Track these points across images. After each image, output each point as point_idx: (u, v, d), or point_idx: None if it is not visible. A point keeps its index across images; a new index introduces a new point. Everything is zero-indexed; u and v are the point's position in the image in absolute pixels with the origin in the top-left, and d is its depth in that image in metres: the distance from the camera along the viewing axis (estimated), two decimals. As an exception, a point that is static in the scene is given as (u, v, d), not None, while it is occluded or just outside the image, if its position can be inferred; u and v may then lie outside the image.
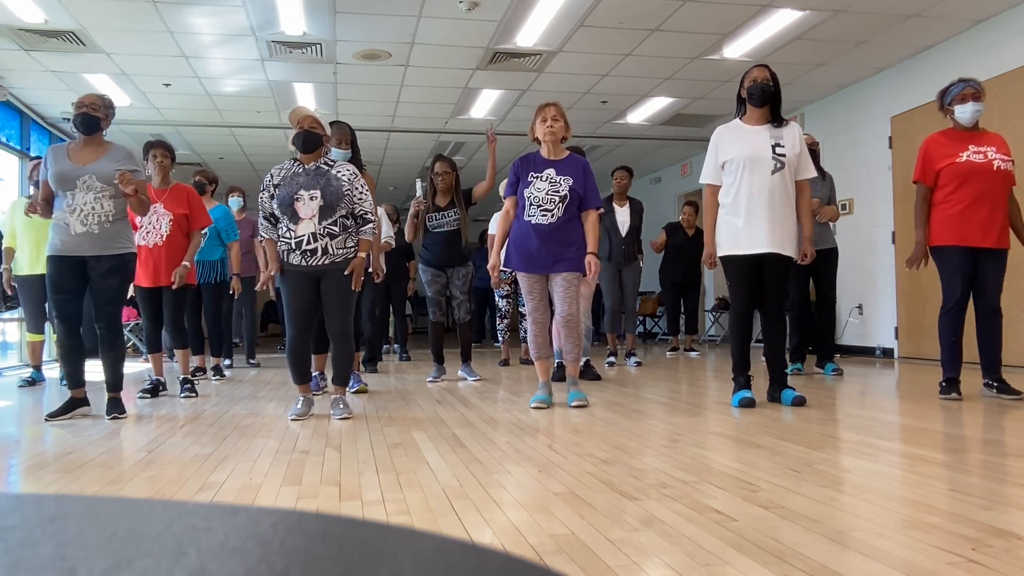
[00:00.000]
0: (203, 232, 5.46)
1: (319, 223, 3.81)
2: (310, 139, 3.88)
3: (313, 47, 6.82)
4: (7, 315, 7.00)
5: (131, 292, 7.67)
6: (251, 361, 7.70)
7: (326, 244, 3.83)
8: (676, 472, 2.50)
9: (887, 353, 7.68)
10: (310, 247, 3.82)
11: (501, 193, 6.11)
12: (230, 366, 7.18)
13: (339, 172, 3.90)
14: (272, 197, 3.88)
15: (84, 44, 6.60)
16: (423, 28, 6.42)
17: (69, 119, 3.99)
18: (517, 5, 6.01)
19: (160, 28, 6.28)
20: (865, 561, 1.60)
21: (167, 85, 7.80)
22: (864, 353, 7.86)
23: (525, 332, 6.60)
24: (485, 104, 8.70)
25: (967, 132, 4.26)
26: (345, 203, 3.87)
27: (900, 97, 7.45)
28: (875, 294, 7.84)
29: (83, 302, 4.03)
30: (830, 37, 6.72)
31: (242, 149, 10.71)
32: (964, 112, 4.22)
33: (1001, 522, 1.86)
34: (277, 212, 3.87)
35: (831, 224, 5.99)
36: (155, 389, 4.96)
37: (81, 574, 0.41)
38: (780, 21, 6.35)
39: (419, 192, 5.54)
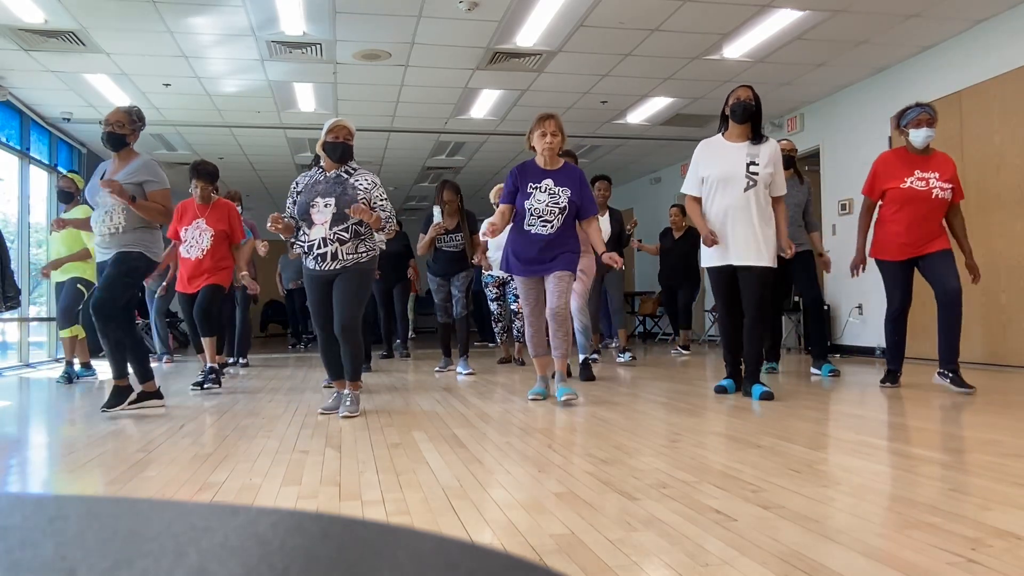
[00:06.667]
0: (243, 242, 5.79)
1: (329, 229, 3.94)
2: (348, 152, 4.05)
3: (313, 47, 6.82)
4: (7, 315, 6.99)
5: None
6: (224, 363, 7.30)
7: (335, 250, 3.95)
8: (676, 472, 2.50)
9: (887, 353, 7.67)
10: (321, 251, 3.96)
11: (493, 200, 6.20)
12: (236, 364, 7.35)
13: (356, 181, 4.02)
14: (294, 203, 4.08)
15: (84, 44, 6.60)
16: (423, 28, 6.42)
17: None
18: (517, 5, 6.01)
19: (160, 28, 6.28)
20: (865, 561, 1.60)
21: (167, 85, 7.79)
22: (864, 353, 7.85)
23: (519, 332, 6.85)
24: (485, 104, 8.69)
25: (917, 155, 4.64)
26: None
27: (900, 97, 7.43)
28: (875, 294, 7.81)
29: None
30: (830, 37, 6.72)
31: (242, 149, 10.71)
32: (917, 137, 4.60)
33: (1001, 522, 1.86)
34: (297, 218, 4.05)
35: (804, 227, 5.82)
36: (204, 381, 5.22)
37: (81, 574, 0.41)
38: (780, 21, 6.35)
39: (437, 218, 6.30)
